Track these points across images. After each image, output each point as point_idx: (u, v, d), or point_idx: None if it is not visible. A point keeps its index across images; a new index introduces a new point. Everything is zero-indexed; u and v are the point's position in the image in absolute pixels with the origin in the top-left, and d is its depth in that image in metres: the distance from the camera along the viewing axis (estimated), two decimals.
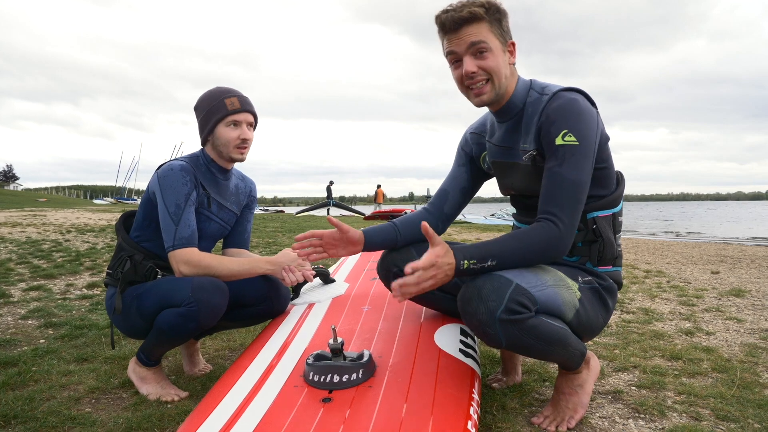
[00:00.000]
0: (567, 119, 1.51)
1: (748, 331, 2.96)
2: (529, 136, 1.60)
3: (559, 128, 1.51)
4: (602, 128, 1.60)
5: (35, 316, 3.19)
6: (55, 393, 1.96)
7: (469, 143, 1.87)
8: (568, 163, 1.50)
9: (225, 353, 2.52)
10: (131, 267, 1.93)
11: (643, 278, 5.00)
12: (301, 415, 1.34)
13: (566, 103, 1.53)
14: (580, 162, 1.50)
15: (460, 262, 1.45)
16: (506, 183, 1.76)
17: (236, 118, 1.96)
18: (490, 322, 1.40)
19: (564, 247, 1.50)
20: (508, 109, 1.65)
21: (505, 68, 1.59)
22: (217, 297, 1.80)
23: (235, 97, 1.97)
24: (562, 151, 1.50)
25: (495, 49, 1.55)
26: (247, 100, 2.01)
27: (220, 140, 1.97)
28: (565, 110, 1.52)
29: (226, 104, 1.95)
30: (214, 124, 1.96)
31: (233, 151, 1.98)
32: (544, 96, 1.58)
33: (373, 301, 2.13)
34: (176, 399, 1.90)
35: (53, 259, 5.72)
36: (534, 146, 1.59)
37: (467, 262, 1.45)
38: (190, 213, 1.90)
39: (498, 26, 1.56)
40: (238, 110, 1.96)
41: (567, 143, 1.50)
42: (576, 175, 1.49)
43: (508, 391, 1.97)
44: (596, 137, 1.54)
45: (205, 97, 2.00)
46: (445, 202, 1.88)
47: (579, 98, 1.56)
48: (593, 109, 1.58)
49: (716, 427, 1.71)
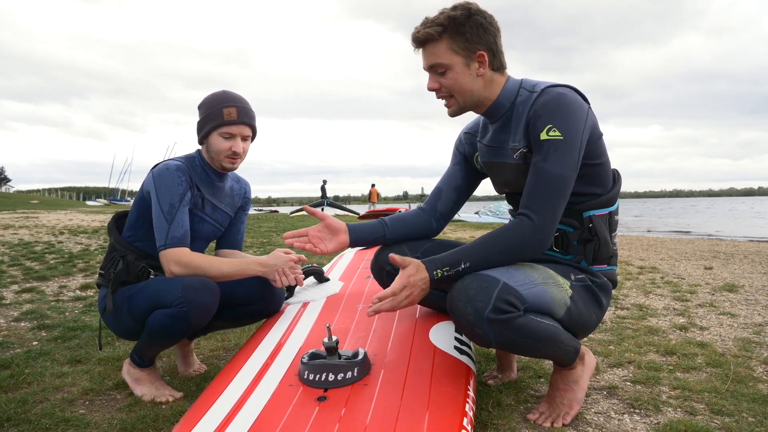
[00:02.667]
0: (552, 114, 1.51)
1: (741, 326, 2.98)
2: (518, 134, 1.60)
3: (544, 123, 1.51)
4: (593, 123, 1.58)
5: (28, 318, 3.17)
6: (48, 395, 1.94)
7: (463, 143, 1.88)
8: (551, 157, 1.50)
9: (220, 353, 2.51)
10: (123, 267, 1.91)
11: (637, 274, 5.01)
12: (297, 414, 1.34)
13: (553, 98, 1.53)
14: (563, 157, 1.50)
15: (433, 272, 1.49)
16: (500, 181, 1.76)
17: (231, 130, 1.94)
18: (478, 322, 1.39)
19: (539, 242, 1.50)
20: (495, 111, 1.65)
21: (471, 82, 1.59)
22: (207, 297, 1.79)
23: (234, 108, 1.94)
24: (547, 146, 1.50)
25: (455, 65, 1.57)
26: (246, 112, 1.97)
27: (213, 148, 1.96)
28: (551, 105, 1.52)
29: (224, 114, 1.92)
30: (208, 131, 1.95)
31: (224, 161, 1.97)
32: (533, 93, 1.58)
33: (367, 299, 2.13)
34: (171, 400, 1.89)
35: (46, 261, 5.68)
36: (524, 143, 1.59)
37: (440, 271, 1.49)
38: (184, 213, 1.89)
39: (462, 40, 1.55)
40: (234, 122, 1.93)
41: (551, 138, 1.50)
42: (559, 170, 1.49)
43: (504, 387, 1.97)
44: (583, 132, 1.53)
45: (207, 100, 1.98)
46: (438, 200, 1.89)
47: (567, 93, 1.55)
48: (583, 104, 1.57)
49: (711, 421, 1.72)
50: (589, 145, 1.57)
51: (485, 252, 1.49)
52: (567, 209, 1.62)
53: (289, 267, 1.98)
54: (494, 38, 1.58)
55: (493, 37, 1.58)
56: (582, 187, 1.61)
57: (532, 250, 1.50)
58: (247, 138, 2.00)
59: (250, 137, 2.02)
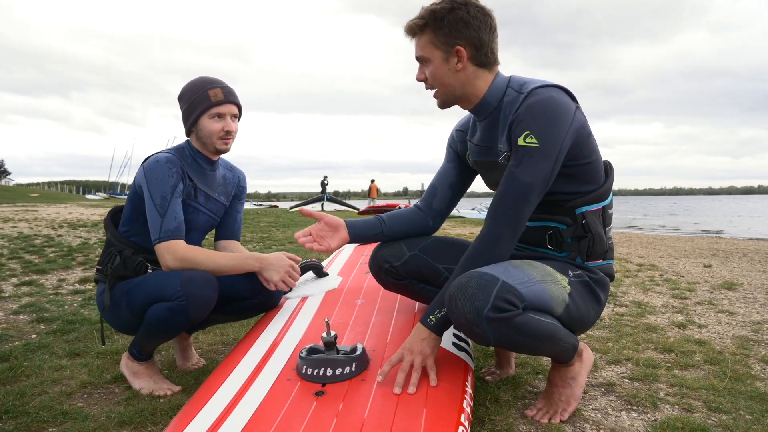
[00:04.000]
0: (532, 120, 1.49)
1: (739, 324, 2.98)
2: (504, 136, 1.59)
3: (522, 129, 1.50)
4: (580, 125, 1.55)
5: (27, 311, 3.17)
6: (47, 388, 1.95)
7: (455, 141, 1.86)
8: (524, 164, 1.49)
9: (218, 347, 2.51)
10: (121, 262, 1.91)
11: (636, 272, 5.02)
12: (294, 409, 1.34)
13: (536, 103, 1.51)
14: (536, 164, 1.48)
15: (426, 321, 1.50)
16: (491, 180, 1.76)
17: (220, 110, 1.95)
18: (477, 321, 1.38)
19: (497, 251, 1.51)
20: (482, 108, 1.64)
21: (450, 77, 1.58)
22: (206, 290, 1.78)
23: (219, 89, 1.96)
24: (521, 152, 1.50)
25: (435, 59, 1.58)
26: (230, 91, 1.99)
27: (204, 132, 1.96)
28: (533, 110, 1.50)
29: (210, 96, 1.94)
30: (197, 116, 1.95)
31: (217, 143, 1.97)
32: (521, 95, 1.56)
33: (366, 294, 2.13)
34: (169, 393, 1.89)
35: (45, 255, 5.69)
36: (507, 147, 1.58)
37: (433, 317, 1.50)
38: (177, 205, 1.88)
39: (441, 34, 1.55)
40: (222, 102, 1.95)
41: (527, 144, 1.49)
42: (528, 178, 1.48)
43: (502, 383, 1.97)
44: (565, 138, 1.50)
45: (188, 87, 1.98)
46: (434, 198, 1.88)
47: (554, 95, 1.52)
48: (569, 107, 1.53)
49: (708, 418, 1.72)
50: (576, 146, 1.55)
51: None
52: (559, 206, 1.62)
53: (286, 272, 1.97)
54: (477, 32, 1.55)
55: (476, 31, 1.54)
56: (573, 186, 1.60)
57: (496, 260, 1.51)
58: (235, 117, 2.02)
59: (237, 116, 2.03)
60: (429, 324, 1.49)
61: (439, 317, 1.49)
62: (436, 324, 1.49)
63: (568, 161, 1.55)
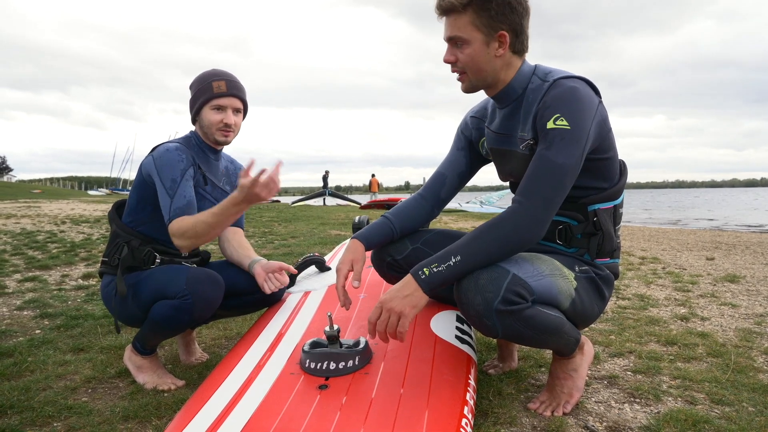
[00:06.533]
0: (561, 104, 1.47)
1: (742, 316, 2.98)
2: (527, 124, 1.57)
3: (552, 113, 1.47)
4: (602, 118, 1.54)
5: (30, 307, 3.18)
6: (51, 383, 1.96)
7: (469, 127, 1.82)
8: (556, 146, 1.45)
9: (221, 342, 2.52)
10: (129, 252, 1.91)
11: (638, 265, 5.01)
12: (298, 403, 1.34)
13: (564, 91, 1.49)
14: (568, 147, 1.45)
15: (418, 273, 1.41)
16: (505, 170, 1.74)
17: (221, 102, 1.94)
18: (487, 312, 1.38)
19: (531, 232, 1.42)
20: (506, 95, 1.61)
21: (488, 62, 1.53)
22: (212, 289, 1.79)
23: (223, 81, 1.96)
24: (552, 135, 1.46)
25: (474, 41, 1.51)
26: (235, 85, 1.99)
27: (205, 122, 1.97)
28: (561, 97, 1.49)
29: (213, 87, 1.94)
30: (200, 106, 1.96)
31: (216, 134, 1.97)
32: (545, 83, 1.54)
33: (369, 288, 2.13)
34: (173, 388, 1.90)
35: (48, 250, 5.70)
36: (531, 135, 1.56)
37: (427, 269, 1.41)
38: (187, 186, 1.87)
39: (486, 16, 1.49)
40: (224, 94, 1.94)
41: (558, 127, 1.46)
42: (562, 159, 1.44)
43: (505, 376, 1.97)
44: (592, 124, 1.49)
45: (197, 77, 2.00)
46: (442, 187, 1.82)
47: (579, 86, 1.51)
48: (594, 97, 1.53)
49: (711, 410, 1.72)
50: (597, 139, 1.54)
51: (476, 244, 1.42)
52: (572, 203, 1.60)
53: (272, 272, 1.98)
54: (520, 19, 1.52)
55: (520, 17, 1.52)
56: (589, 181, 1.59)
57: (525, 240, 1.43)
58: (238, 111, 2.00)
59: (241, 110, 2.02)
60: (419, 276, 1.40)
61: (434, 272, 1.40)
62: (427, 279, 1.40)
63: (589, 154, 1.52)
